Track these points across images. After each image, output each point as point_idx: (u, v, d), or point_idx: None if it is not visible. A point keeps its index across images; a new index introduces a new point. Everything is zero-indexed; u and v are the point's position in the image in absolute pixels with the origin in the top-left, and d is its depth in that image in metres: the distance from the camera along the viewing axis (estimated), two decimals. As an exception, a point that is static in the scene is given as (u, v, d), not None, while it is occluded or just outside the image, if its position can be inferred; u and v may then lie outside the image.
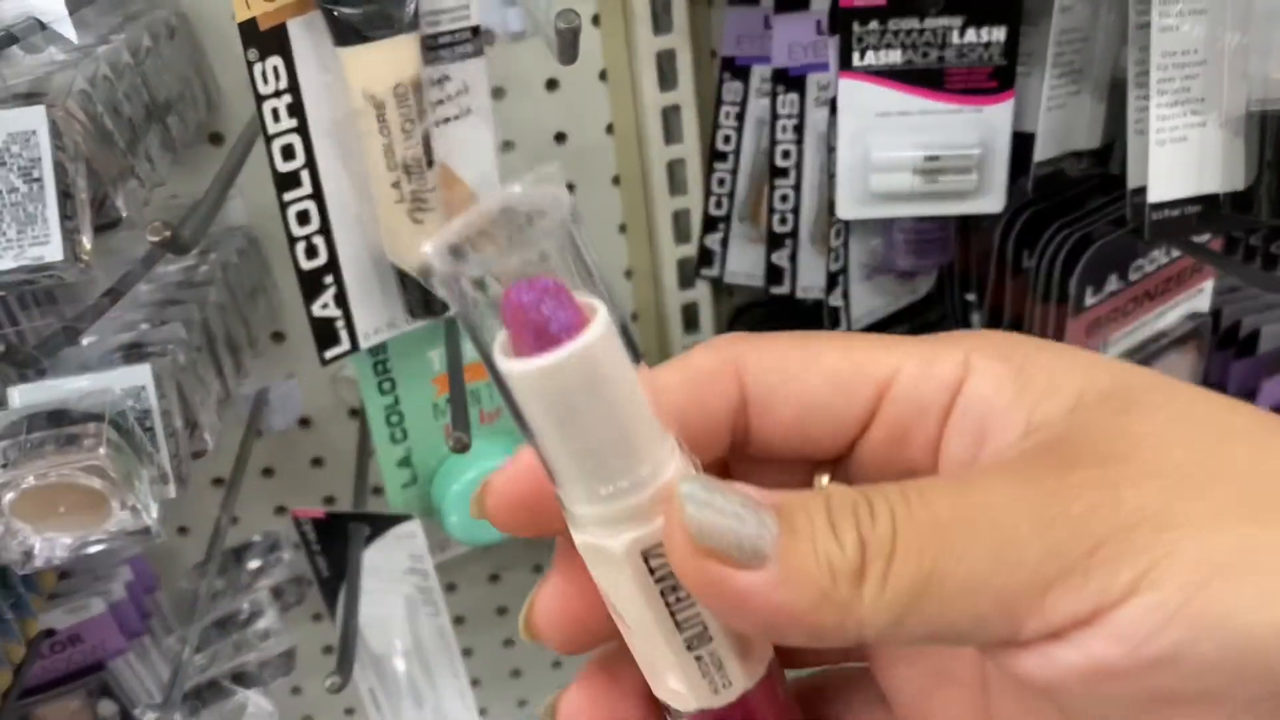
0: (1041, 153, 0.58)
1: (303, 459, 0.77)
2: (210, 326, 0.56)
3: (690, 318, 0.78)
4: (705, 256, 0.71)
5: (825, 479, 0.24)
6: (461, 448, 0.41)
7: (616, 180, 0.73)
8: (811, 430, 0.23)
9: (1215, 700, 0.18)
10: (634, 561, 0.20)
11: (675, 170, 0.72)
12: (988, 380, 0.22)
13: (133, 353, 0.48)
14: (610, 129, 0.71)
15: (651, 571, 0.21)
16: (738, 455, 0.24)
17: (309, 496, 0.78)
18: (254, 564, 0.67)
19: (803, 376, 0.23)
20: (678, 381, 0.23)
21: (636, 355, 0.20)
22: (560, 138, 0.71)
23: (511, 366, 0.19)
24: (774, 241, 0.67)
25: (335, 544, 0.58)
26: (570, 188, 0.74)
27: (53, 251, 0.38)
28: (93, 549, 0.42)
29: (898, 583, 0.19)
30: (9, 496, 0.41)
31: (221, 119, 0.66)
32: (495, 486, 0.23)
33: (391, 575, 0.59)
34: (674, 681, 0.22)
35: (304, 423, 0.75)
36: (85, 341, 0.50)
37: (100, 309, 0.47)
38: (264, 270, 0.69)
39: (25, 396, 0.44)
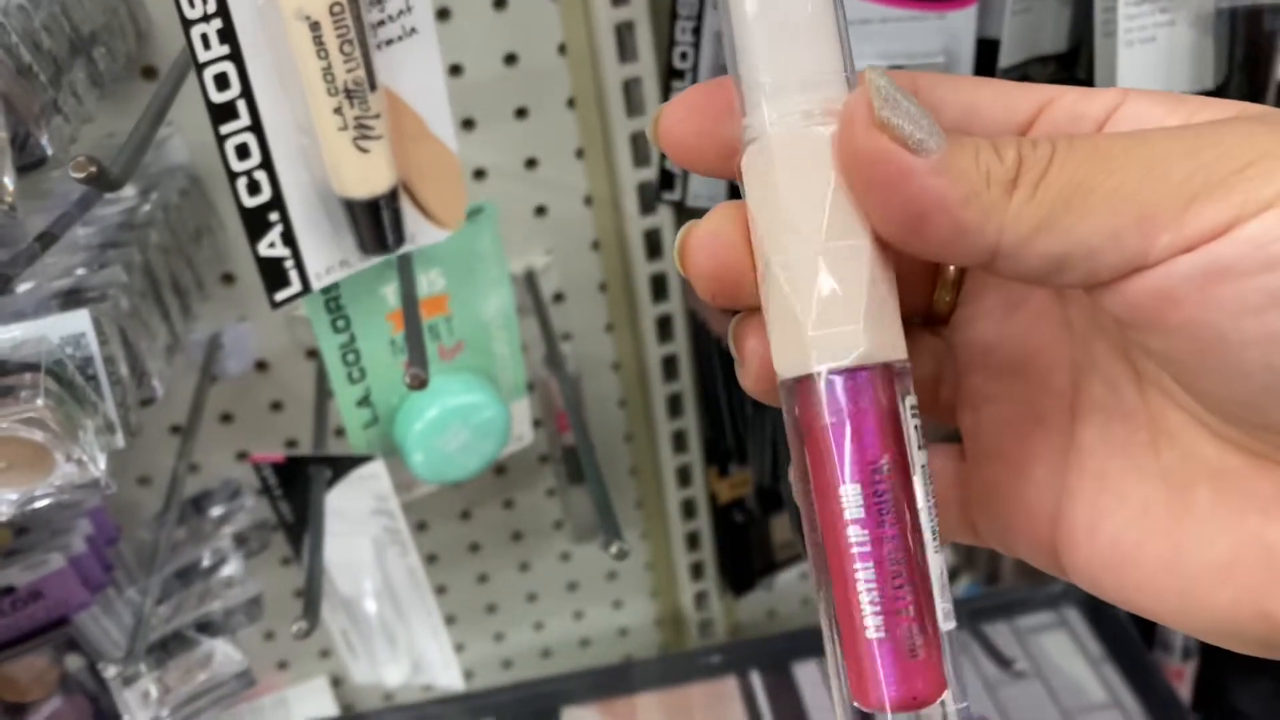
0: (1007, 59, 0.57)
1: (262, 403, 0.75)
2: (153, 269, 0.54)
3: (653, 244, 0.76)
4: (666, 180, 0.70)
5: None
6: (419, 385, 0.40)
7: (571, 103, 0.71)
8: (970, 129, 0.24)
9: None
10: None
11: (632, 90, 0.70)
12: (1146, 102, 0.23)
13: (71, 299, 0.46)
14: (562, 49, 0.69)
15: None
16: None
17: (271, 441, 0.76)
18: (216, 511, 0.66)
19: (967, 85, 0.25)
20: None
21: None
22: (510, 59, 0.68)
23: None
24: (736, 161, 0.65)
25: (297, 488, 0.57)
26: (522, 112, 0.71)
27: (-30, 193, 0.36)
28: (39, 504, 0.40)
29: (1046, 192, 0.20)
30: (-53, 454, 0.39)
31: (154, 51, 0.63)
32: (668, 109, 0.25)
33: (357, 517, 0.58)
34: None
35: (260, 366, 0.73)
36: (20, 289, 0.47)
37: (33, 254, 0.44)
38: (209, 210, 0.66)
39: (-43, 349, 0.42)
